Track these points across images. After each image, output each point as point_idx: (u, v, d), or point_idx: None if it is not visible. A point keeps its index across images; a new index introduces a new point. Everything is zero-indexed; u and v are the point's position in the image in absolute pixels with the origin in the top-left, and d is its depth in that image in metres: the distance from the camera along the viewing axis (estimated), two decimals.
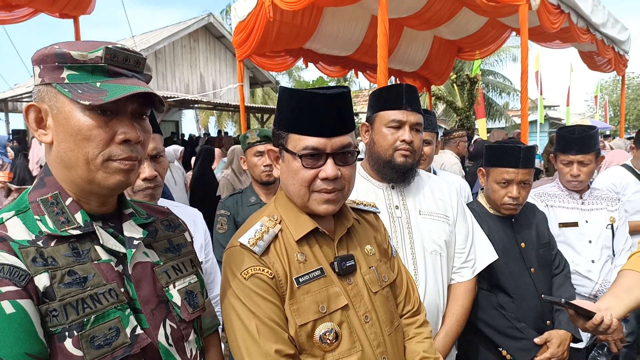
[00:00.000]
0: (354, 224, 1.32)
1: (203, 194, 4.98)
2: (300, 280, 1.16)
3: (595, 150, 2.37)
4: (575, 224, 2.42)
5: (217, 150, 6.44)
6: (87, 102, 0.84)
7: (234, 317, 1.13)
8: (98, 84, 0.88)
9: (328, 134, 1.15)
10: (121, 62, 0.91)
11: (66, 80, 0.88)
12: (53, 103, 0.89)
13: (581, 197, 2.48)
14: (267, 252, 1.17)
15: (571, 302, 1.55)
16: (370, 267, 1.28)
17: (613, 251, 2.45)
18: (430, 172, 2.53)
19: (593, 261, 2.38)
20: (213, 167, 5.76)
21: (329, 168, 1.15)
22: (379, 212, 1.48)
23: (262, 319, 1.10)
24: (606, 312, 1.51)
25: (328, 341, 1.14)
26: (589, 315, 1.52)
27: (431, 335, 1.38)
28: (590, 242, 2.40)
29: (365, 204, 1.43)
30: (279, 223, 1.22)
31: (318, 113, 1.14)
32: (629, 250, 2.43)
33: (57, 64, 0.88)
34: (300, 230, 1.20)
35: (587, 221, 2.43)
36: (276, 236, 1.20)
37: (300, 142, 1.15)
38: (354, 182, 1.25)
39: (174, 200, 4.27)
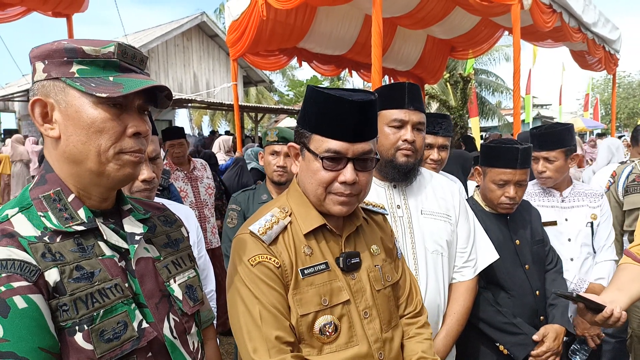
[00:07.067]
0: (362, 224, 1.33)
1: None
2: (305, 272, 1.18)
3: (562, 148, 2.32)
4: (554, 223, 2.38)
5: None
6: (104, 95, 0.86)
7: (239, 301, 1.16)
8: (111, 78, 0.90)
9: (351, 139, 1.16)
10: (130, 58, 0.94)
11: (76, 75, 0.88)
12: (61, 97, 0.89)
13: (561, 195, 2.44)
14: (276, 242, 1.19)
15: (581, 295, 1.58)
16: (375, 266, 1.30)
17: (593, 248, 2.42)
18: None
19: (572, 259, 2.36)
20: None
21: (348, 173, 1.17)
22: (387, 214, 1.49)
23: (265, 305, 1.13)
24: (614, 305, 1.54)
25: (327, 333, 1.17)
26: (597, 308, 1.54)
27: (431, 338, 1.39)
28: (569, 240, 2.38)
29: (374, 205, 1.44)
30: (289, 215, 1.24)
31: (343, 118, 1.15)
32: (610, 247, 2.41)
33: (66, 58, 0.88)
34: (309, 225, 1.23)
35: (566, 219, 2.39)
36: (285, 228, 1.22)
37: (323, 144, 1.17)
38: (370, 187, 1.26)
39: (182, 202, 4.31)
